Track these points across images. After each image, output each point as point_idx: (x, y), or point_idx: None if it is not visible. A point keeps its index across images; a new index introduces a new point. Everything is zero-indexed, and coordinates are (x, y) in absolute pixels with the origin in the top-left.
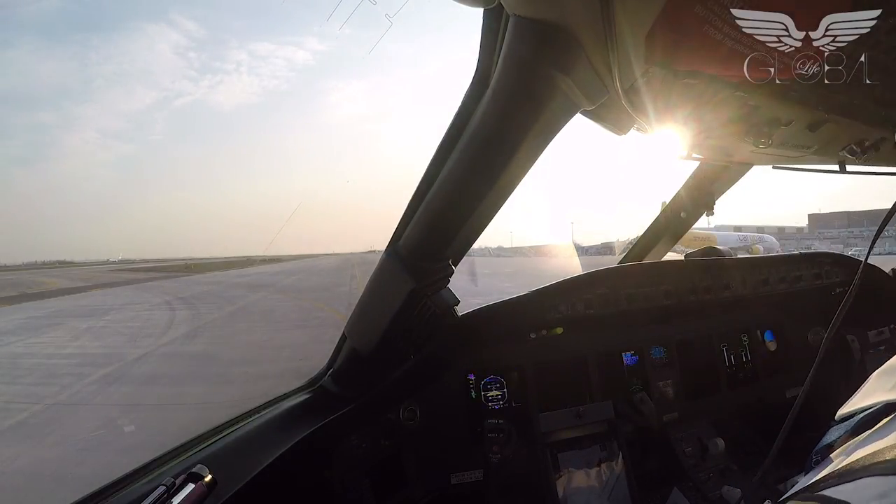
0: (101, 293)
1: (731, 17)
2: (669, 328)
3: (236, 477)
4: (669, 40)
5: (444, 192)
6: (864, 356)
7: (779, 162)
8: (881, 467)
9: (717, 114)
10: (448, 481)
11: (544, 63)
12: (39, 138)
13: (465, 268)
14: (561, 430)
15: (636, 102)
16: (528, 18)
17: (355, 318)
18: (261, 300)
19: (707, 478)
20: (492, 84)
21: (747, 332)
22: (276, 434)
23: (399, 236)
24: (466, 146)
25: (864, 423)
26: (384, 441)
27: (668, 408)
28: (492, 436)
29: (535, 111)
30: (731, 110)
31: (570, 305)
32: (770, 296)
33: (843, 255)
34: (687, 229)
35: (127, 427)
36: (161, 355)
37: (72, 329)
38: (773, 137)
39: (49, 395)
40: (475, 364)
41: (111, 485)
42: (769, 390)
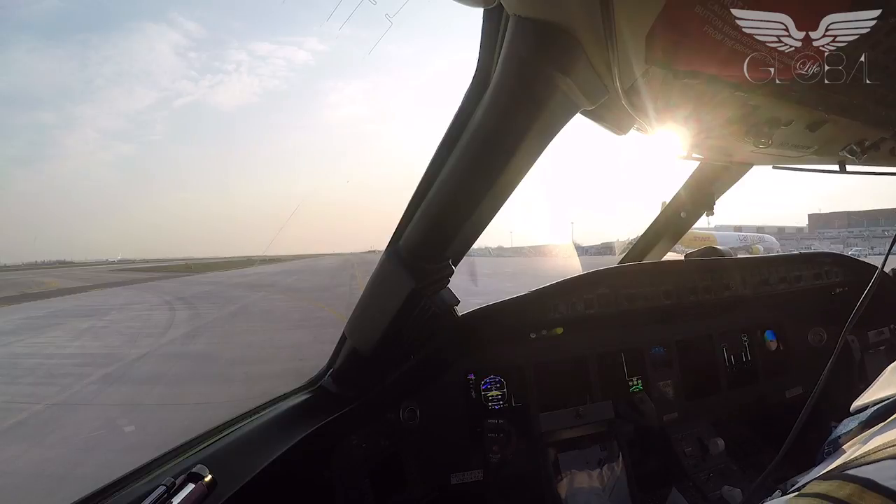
0: (102, 293)
1: (731, 17)
2: (669, 328)
3: (236, 477)
4: (669, 40)
5: (445, 193)
6: (864, 356)
7: (779, 162)
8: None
9: (717, 114)
10: (448, 481)
11: (544, 63)
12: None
13: (465, 268)
14: (561, 430)
15: (636, 102)
16: (528, 18)
17: (355, 318)
18: (261, 300)
19: (707, 478)
20: (492, 84)
21: (747, 332)
22: (276, 434)
23: (399, 236)
24: (467, 146)
25: (879, 415)
26: (384, 441)
27: (668, 408)
28: (492, 436)
29: (535, 111)
30: (731, 110)
31: (570, 305)
32: (770, 296)
33: (844, 256)
34: (687, 229)
35: (127, 427)
36: (161, 355)
37: (72, 329)
38: (773, 137)
39: (49, 395)
40: (475, 364)
41: (111, 485)
42: (769, 390)
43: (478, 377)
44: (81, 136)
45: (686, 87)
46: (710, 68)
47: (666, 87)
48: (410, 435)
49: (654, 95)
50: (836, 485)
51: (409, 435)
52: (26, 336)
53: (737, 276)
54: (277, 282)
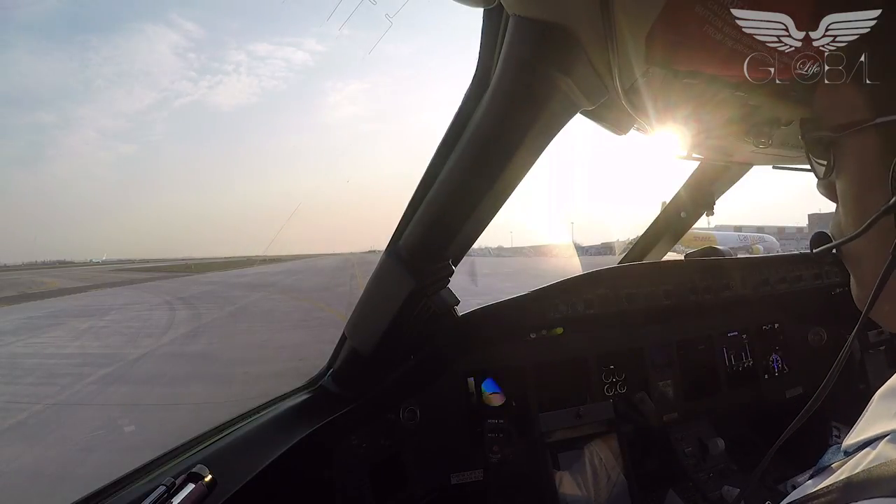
0: (102, 293)
1: (731, 17)
2: (669, 328)
3: (236, 477)
4: (669, 40)
5: (445, 193)
6: (864, 356)
7: (779, 162)
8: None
9: (717, 114)
10: (448, 481)
11: (544, 63)
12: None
13: (465, 268)
14: (561, 430)
15: (636, 102)
16: (528, 18)
17: (355, 318)
18: (261, 300)
19: (707, 478)
20: (492, 84)
21: (747, 331)
22: (276, 434)
23: (399, 236)
24: (466, 146)
25: (865, 445)
26: (384, 441)
27: (668, 408)
28: (492, 436)
29: (535, 111)
30: (731, 110)
31: (570, 305)
32: (770, 296)
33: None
34: (687, 229)
35: (127, 427)
36: (161, 355)
37: (72, 329)
38: (773, 137)
39: (49, 394)
40: (475, 364)
41: (111, 485)
42: (769, 390)
43: (478, 377)
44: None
45: (686, 87)
46: (710, 68)
47: (666, 87)
48: (410, 435)
49: (654, 95)
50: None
51: (409, 435)
52: (26, 336)
53: (737, 275)
54: (277, 282)
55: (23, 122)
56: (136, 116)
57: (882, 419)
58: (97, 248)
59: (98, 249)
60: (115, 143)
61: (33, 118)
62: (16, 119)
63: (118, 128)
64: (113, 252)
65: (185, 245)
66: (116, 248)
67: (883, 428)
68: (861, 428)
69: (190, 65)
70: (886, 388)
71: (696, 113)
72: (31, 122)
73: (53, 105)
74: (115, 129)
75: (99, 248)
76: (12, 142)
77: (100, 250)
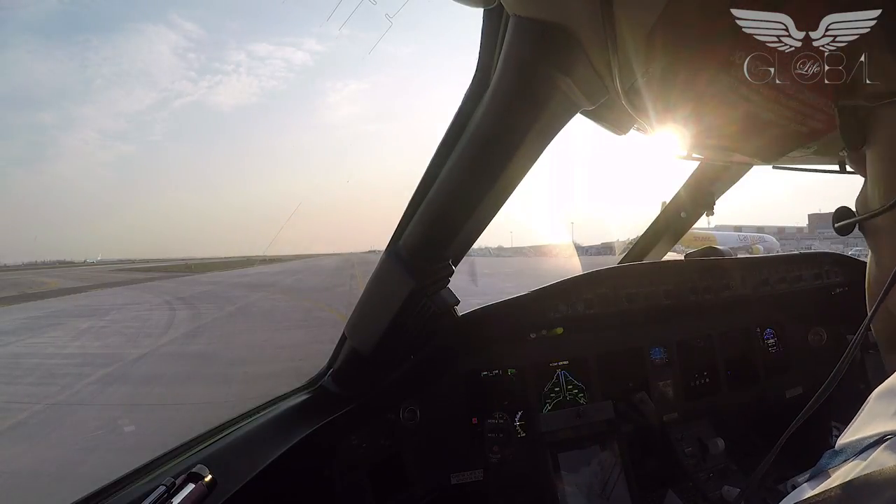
0: (102, 293)
1: (731, 17)
2: (669, 328)
3: (236, 477)
4: (669, 40)
5: (445, 193)
6: (864, 356)
7: (779, 162)
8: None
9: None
10: (448, 481)
11: (544, 63)
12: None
13: (465, 268)
14: (561, 430)
15: (636, 102)
16: (528, 18)
17: (355, 318)
18: (261, 300)
19: (707, 478)
20: (492, 84)
21: (747, 331)
22: (276, 434)
23: (399, 236)
24: (467, 146)
25: (863, 450)
26: (384, 441)
27: (668, 408)
28: (492, 436)
29: (535, 111)
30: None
31: (570, 305)
32: (770, 296)
33: (844, 256)
34: (687, 229)
35: (127, 427)
36: (161, 355)
37: (72, 329)
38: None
39: (49, 394)
40: (475, 364)
41: (111, 485)
42: (769, 390)
43: (478, 377)
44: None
45: (686, 87)
46: (710, 68)
47: (666, 87)
48: (410, 435)
49: (654, 95)
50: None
51: (409, 435)
52: (26, 336)
53: (737, 276)
54: (277, 282)
55: (23, 122)
56: (136, 116)
57: (879, 419)
58: (97, 248)
59: (98, 249)
60: (114, 143)
61: (33, 118)
62: (16, 119)
63: (118, 128)
64: (113, 252)
65: (185, 245)
66: (117, 247)
67: (880, 428)
68: (857, 427)
69: (190, 65)
70: (884, 387)
71: (696, 113)
72: (31, 123)
73: (53, 105)
74: (115, 129)
75: (99, 249)
76: (12, 142)
77: (100, 250)
